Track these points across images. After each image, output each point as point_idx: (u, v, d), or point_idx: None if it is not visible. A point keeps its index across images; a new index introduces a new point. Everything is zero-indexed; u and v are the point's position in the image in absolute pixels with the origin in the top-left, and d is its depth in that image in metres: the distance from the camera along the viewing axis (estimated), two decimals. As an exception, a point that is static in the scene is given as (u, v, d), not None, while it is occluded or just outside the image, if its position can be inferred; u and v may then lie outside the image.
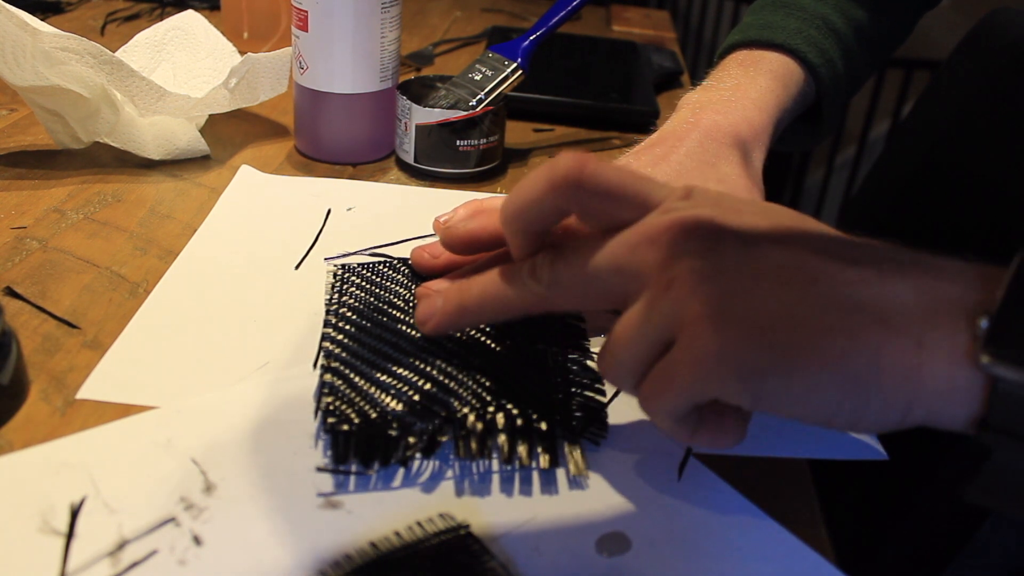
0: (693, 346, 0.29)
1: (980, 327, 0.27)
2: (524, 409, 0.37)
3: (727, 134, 0.50)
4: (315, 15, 0.59)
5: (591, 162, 0.33)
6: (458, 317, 0.38)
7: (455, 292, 0.38)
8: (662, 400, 0.31)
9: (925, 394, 0.27)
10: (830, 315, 0.28)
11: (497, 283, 0.36)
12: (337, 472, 0.34)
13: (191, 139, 0.61)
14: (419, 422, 0.35)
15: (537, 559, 0.32)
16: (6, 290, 0.45)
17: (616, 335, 0.32)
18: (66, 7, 1.00)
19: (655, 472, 0.36)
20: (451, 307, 0.38)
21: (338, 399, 0.36)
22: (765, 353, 0.28)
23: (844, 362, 0.28)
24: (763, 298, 0.29)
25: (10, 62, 0.54)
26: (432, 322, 0.38)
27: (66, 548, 0.30)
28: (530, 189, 0.34)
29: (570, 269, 0.34)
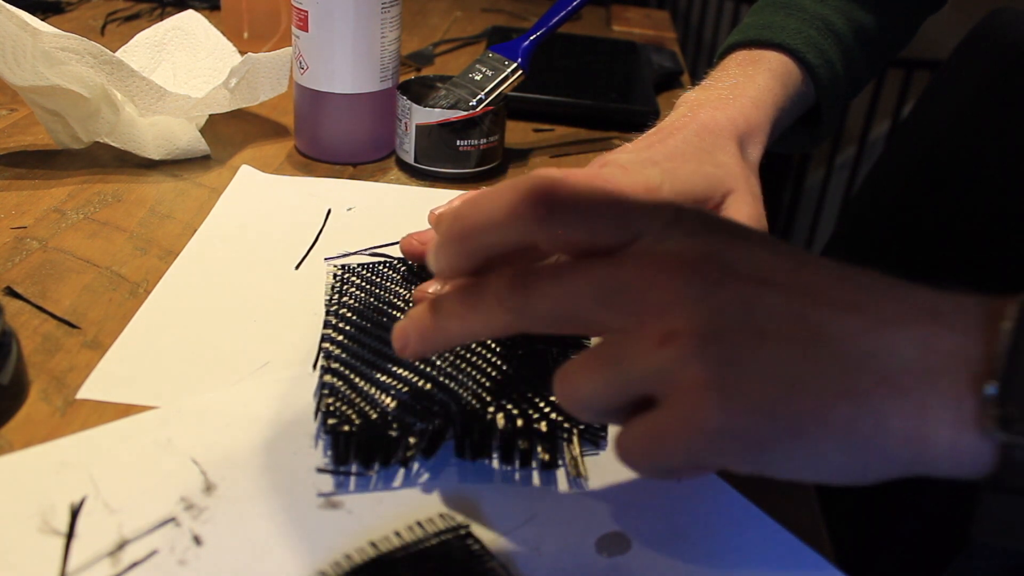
0: (692, 417, 0.27)
1: (986, 392, 0.26)
2: (524, 409, 0.37)
3: (724, 127, 0.50)
4: (315, 15, 0.59)
5: (562, 185, 0.29)
6: (429, 343, 0.33)
7: (424, 314, 0.33)
8: (649, 462, 0.29)
9: (929, 454, 0.27)
10: (835, 379, 0.27)
11: (461, 307, 0.32)
12: (337, 473, 0.34)
13: (191, 139, 0.61)
14: (419, 423, 0.35)
15: (537, 559, 0.32)
16: (6, 290, 0.45)
17: (584, 369, 0.29)
18: (66, 7, 1.00)
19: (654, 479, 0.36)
20: (421, 331, 0.33)
21: (338, 400, 0.36)
22: (769, 426, 0.27)
23: (849, 429, 0.27)
24: (767, 363, 0.27)
25: (10, 62, 0.54)
26: (409, 349, 0.34)
27: (66, 548, 0.30)
28: (491, 211, 0.30)
29: (545, 300, 0.29)
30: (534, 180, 0.29)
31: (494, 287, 0.31)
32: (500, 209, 0.30)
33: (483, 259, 0.32)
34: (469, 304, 0.31)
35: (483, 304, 0.31)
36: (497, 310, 0.30)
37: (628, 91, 0.83)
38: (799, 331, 0.27)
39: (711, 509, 0.35)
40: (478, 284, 0.31)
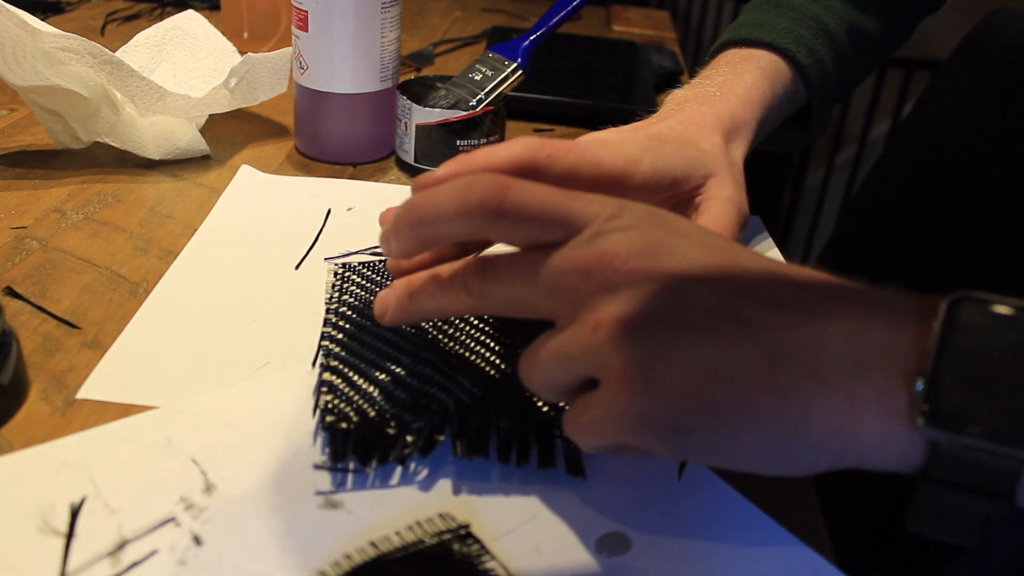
0: (615, 401, 0.29)
1: (916, 388, 0.26)
2: (521, 407, 0.37)
3: (709, 120, 0.49)
4: (315, 15, 0.59)
5: (512, 189, 0.31)
6: (405, 315, 0.37)
7: (402, 289, 0.37)
8: (584, 436, 0.31)
9: (857, 447, 0.27)
10: (759, 370, 0.27)
11: (433, 287, 0.35)
12: (335, 470, 0.35)
13: (191, 139, 0.61)
14: (417, 421, 0.36)
15: (537, 559, 0.32)
16: (6, 290, 0.45)
17: (540, 352, 0.32)
18: (66, 7, 1.00)
19: (655, 472, 0.36)
20: (399, 303, 0.37)
21: (337, 397, 0.36)
22: (689, 414, 0.28)
23: (773, 419, 0.27)
24: (689, 354, 0.28)
25: (10, 62, 0.54)
26: (387, 317, 0.37)
27: (66, 548, 0.30)
28: (442, 205, 0.33)
29: (500, 286, 0.33)
30: (486, 182, 0.32)
31: (460, 273, 0.34)
32: (451, 205, 0.32)
33: (433, 245, 0.36)
34: (439, 285, 0.35)
35: (451, 287, 0.34)
36: (462, 294, 0.34)
37: (628, 91, 0.83)
38: (726, 324, 0.28)
39: (711, 509, 0.35)
40: (448, 269, 0.35)
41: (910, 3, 0.63)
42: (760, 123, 0.53)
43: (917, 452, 0.27)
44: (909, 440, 0.27)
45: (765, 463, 0.28)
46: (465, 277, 0.34)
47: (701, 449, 0.28)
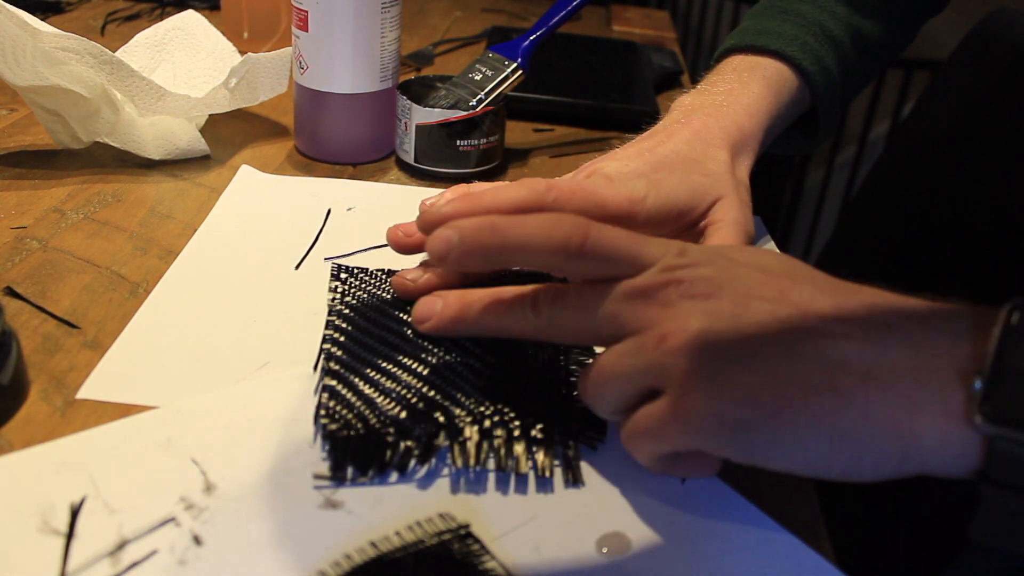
0: (682, 403, 0.30)
1: (974, 388, 0.27)
2: (521, 415, 0.37)
3: (716, 136, 0.50)
4: (315, 15, 0.59)
5: (593, 231, 0.34)
6: (454, 325, 0.39)
7: (456, 301, 0.38)
8: (647, 445, 0.33)
9: (918, 449, 0.28)
10: (818, 375, 0.29)
11: (499, 306, 0.37)
12: (333, 479, 0.34)
13: (191, 139, 0.61)
14: (417, 428, 0.35)
15: (537, 559, 0.32)
16: (6, 290, 0.45)
17: (603, 369, 0.34)
18: (66, 7, 1.00)
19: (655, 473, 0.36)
20: (450, 313, 0.39)
21: (337, 403, 0.36)
22: (751, 412, 0.29)
23: (833, 419, 0.28)
24: (751, 358, 0.29)
25: (10, 62, 0.54)
26: (430, 324, 0.39)
27: (66, 548, 0.30)
28: (529, 237, 0.34)
29: (568, 312, 0.35)
30: (573, 223, 0.34)
31: (531, 297, 0.36)
32: (540, 239, 0.34)
33: (497, 268, 0.38)
34: (505, 306, 0.37)
35: (518, 310, 0.36)
36: (530, 316, 0.36)
37: (628, 91, 0.83)
38: (784, 335, 0.30)
39: (711, 509, 0.35)
40: (512, 292, 0.37)
41: (912, 6, 0.63)
42: (766, 133, 0.53)
43: (975, 453, 0.27)
44: (967, 440, 0.27)
45: (829, 465, 0.29)
46: (536, 302, 0.36)
47: (764, 449, 0.29)
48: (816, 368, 0.29)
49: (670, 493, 0.35)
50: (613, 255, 0.34)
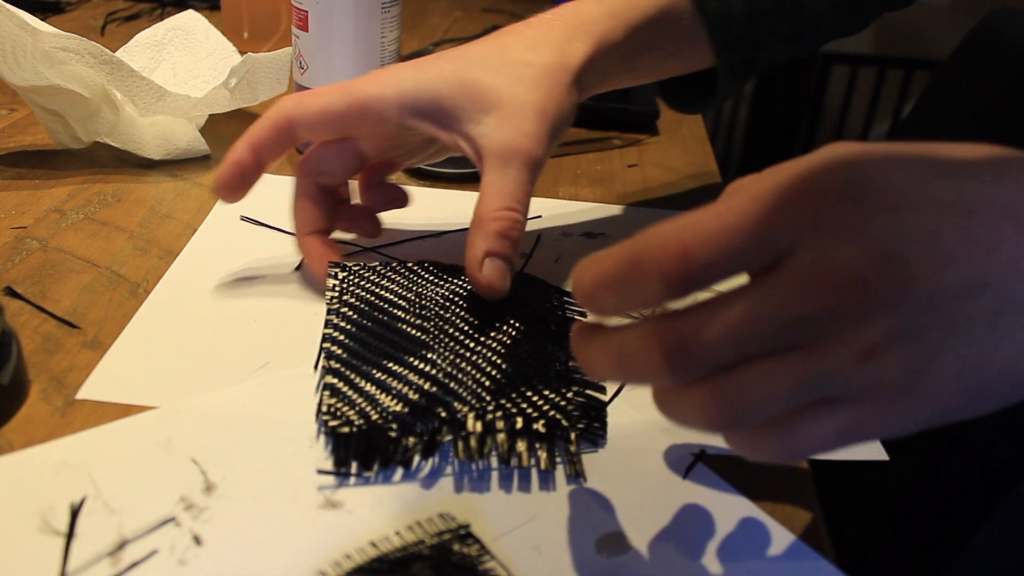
0: (889, 413, 0.27)
1: None
2: (523, 410, 0.37)
3: (540, 24, 0.46)
4: (315, 15, 0.59)
5: (692, 241, 0.26)
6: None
7: (615, 359, 0.29)
8: (816, 446, 0.28)
9: None
10: (1021, 336, 0.26)
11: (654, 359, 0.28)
12: (338, 474, 0.35)
13: (191, 139, 0.61)
14: (419, 423, 0.36)
15: (537, 559, 0.32)
16: (6, 290, 0.45)
17: (765, 380, 0.27)
18: (66, 7, 1.00)
19: (655, 472, 0.36)
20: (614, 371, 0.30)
21: (338, 400, 0.36)
22: (958, 400, 0.27)
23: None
24: (958, 347, 0.26)
25: (10, 62, 0.54)
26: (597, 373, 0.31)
27: (66, 548, 0.30)
28: (605, 305, 0.28)
29: (720, 333, 0.27)
30: (663, 252, 0.26)
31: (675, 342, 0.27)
32: (618, 305, 0.28)
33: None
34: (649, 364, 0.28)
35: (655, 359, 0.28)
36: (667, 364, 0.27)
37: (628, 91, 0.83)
38: (984, 303, 0.26)
39: (711, 509, 0.35)
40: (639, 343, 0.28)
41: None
42: (629, 29, 0.47)
43: None
44: None
45: (995, 407, 0.28)
46: (685, 353, 0.27)
47: (954, 419, 0.28)
48: (1019, 328, 0.26)
49: (670, 493, 0.35)
50: (728, 256, 0.26)
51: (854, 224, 0.26)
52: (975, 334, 0.26)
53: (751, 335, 0.26)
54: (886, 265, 0.26)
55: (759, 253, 0.26)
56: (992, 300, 0.26)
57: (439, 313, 0.42)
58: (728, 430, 0.28)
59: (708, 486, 0.36)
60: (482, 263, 0.41)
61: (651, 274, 0.26)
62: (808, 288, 0.26)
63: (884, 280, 0.26)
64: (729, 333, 0.26)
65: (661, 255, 0.26)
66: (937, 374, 0.26)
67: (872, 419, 0.27)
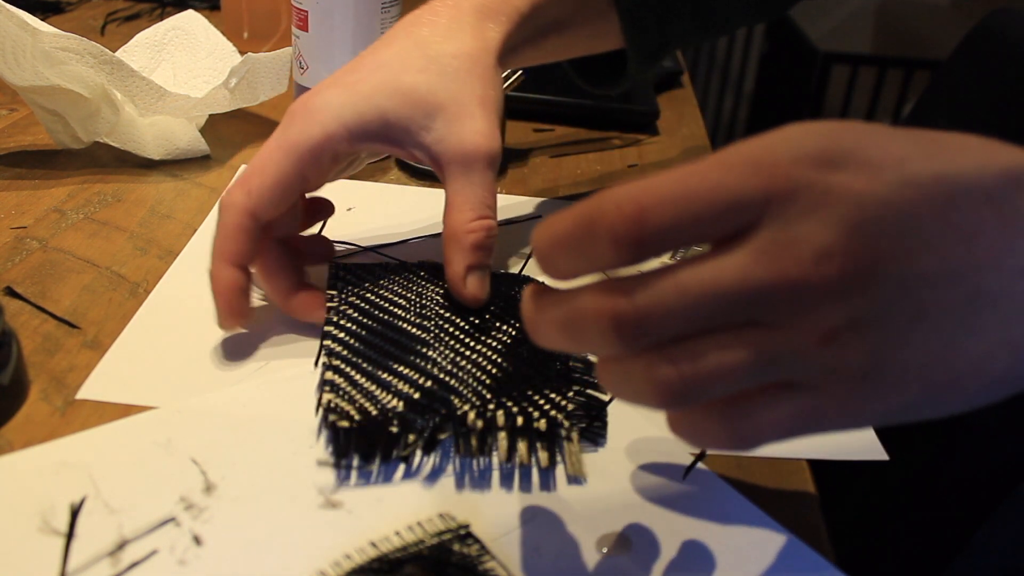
0: (849, 401, 0.26)
1: None
2: (524, 408, 0.37)
3: (446, 9, 0.45)
4: (315, 15, 0.59)
5: (648, 203, 0.24)
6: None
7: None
8: (768, 433, 0.26)
9: None
10: (993, 331, 0.25)
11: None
12: (339, 467, 0.35)
13: (191, 139, 0.61)
14: (419, 419, 0.36)
15: (537, 559, 0.32)
16: (6, 290, 0.45)
17: (720, 351, 0.25)
18: (66, 7, 1.00)
19: (655, 472, 0.36)
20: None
21: (339, 396, 0.36)
22: (924, 394, 0.26)
23: (1005, 375, 0.26)
24: (927, 337, 0.25)
25: (10, 62, 0.54)
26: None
27: (66, 548, 0.30)
28: (562, 242, 0.26)
29: (674, 301, 0.25)
30: (613, 203, 0.25)
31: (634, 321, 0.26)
32: (581, 250, 0.26)
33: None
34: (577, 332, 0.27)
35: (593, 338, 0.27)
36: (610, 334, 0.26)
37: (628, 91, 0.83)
38: (957, 293, 0.25)
39: (711, 509, 0.35)
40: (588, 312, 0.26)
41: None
42: (537, 8, 0.46)
43: None
44: None
45: (968, 407, 0.27)
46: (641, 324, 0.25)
47: (923, 416, 0.27)
48: (991, 323, 0.25)
49: (670, 493, 0.35)
50: (688, 221, 0.25)
51: (826, 194, 0.24)
52: (944, 325, 0.25)
53: (707, 305, 0.25)
54: (856, 242, 0.24)
55: (722, 220, 0.25)
56: (965, 291, 0.25)
57: (439, 313, 0.42)
58: (674, 405, 0.26)
59: (708, 486, 0.36)
60: (465, 279, 0.42)
61: (603, 235, 0.25)
62: (771, 259, 0.24)
63: (853, 258, 0.24)
64: (684, 302, 0.25)
65: (615, 216, 0.24)
66: (900, 364, 0.25)
67: (829, 408, 0.26)
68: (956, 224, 0.25)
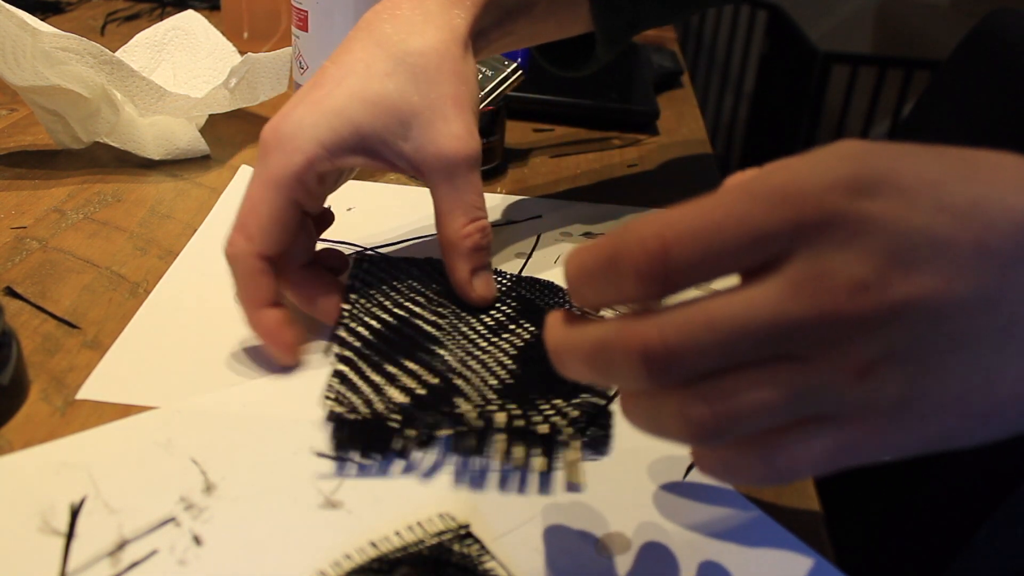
0: (888, 434, 0.25)
1: None
2: (527, 411, 0.37)
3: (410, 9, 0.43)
4: (315, 15, 0.59)
5: (672, 238, 0.24)
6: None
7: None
8: (804, 467, 0.26)
9: None
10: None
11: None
12: (335, 459, 0.35)
13: (191, 139, 0.61)
14: (421, 415, 0.36)
15: (537, 559, 0.32)
16: (6, 290, 0.45)
17: (753, 390, 0.25)
18: (66, 7, 1.00)
19: (655, 472, 0.36)
20: None
21: (345, 387, 0.37)
22: (961, 424, 0.26)
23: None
24: (964, 366, 0.25)
25: (10, 62, 0.54)
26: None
27: (66, 548, 0.30)
28: (586, 297, 0.26)
29: (707, 337, 0.25)
30: (637, 238, 0.25)
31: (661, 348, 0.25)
32: (608, 296, 0.26)
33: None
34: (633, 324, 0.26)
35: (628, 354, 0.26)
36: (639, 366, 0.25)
37: (628, 91, 0.83)
38: (993, 320, 0.24)
39: (711, 509, 0.35)
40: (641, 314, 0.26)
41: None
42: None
43: None
44: None
45: (1015, 431, 0.26)
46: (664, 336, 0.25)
47: (956, 444, 0.26)
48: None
49: (670, 493, 0.35)
50: (716, 255, 0.24)
51: (859, 223, 0.24)
52: (981, 353, 0.25)
53: (739, 341, 0.24)
54: (891, 273, 0.24)
55: (750, 253, 0.24)
56: (1002, 318, 0.24)
57: (454, 311, 0.42)
58: (707, 442, 0.26)
59: (708, 486, 0.36)
60: (471, 283, 0.42)
61: (627, 271, 0.25)
62: (804, 292, 0.24)
63: (888, 289, 0.24)
64: (716, 338, 0.24)
65: (638, 252, 0.24)
66: (939, 395, 0.25)
67: (867, 441, 0.25)
68: (993, 250, 0.24)
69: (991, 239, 0.24)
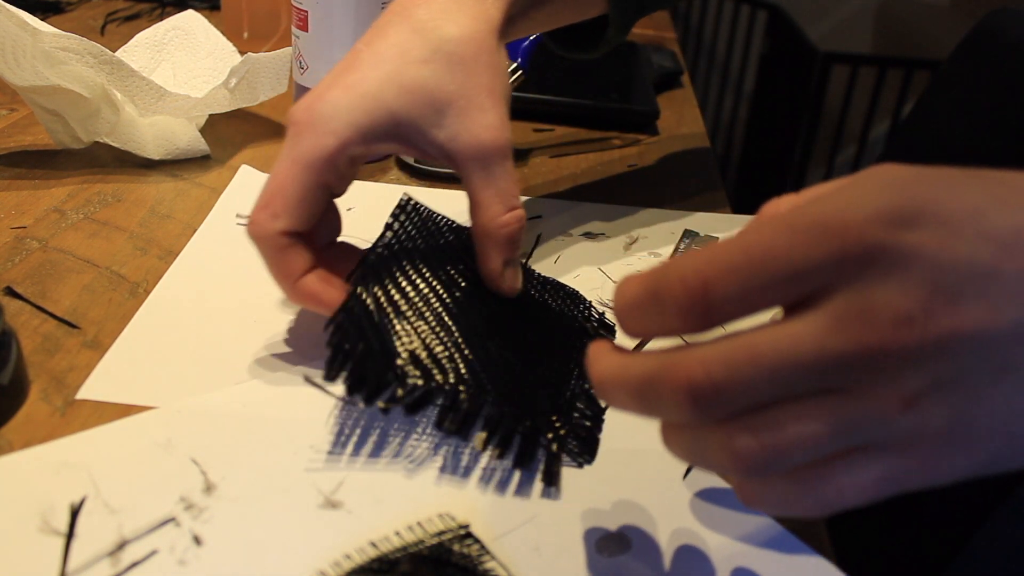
0: (938, 463, 0.25)
1: None
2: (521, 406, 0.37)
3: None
4: (315, 15, 0.59)
5: (713, 275, 0.25)
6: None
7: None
8: (854, 496, 0.26)
9: None
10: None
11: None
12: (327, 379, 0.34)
13: (191, 139, 0.61)
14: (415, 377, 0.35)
15: (537, 559, 0.32)
16: (6, 290, 0.45)
17: (799, 433, 0.25)
18: (66, 7, 1.00)
19: (655, 472, 0.36)
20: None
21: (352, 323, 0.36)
22: (1008, 449, 0.25)
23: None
24: (1008, 393, 0.25)
25: (10, 62, 0.54)
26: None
27: (66, 548, 0.30)
28: (634, 307, 0.26)
29: (753, 373, 0.25)
30: (678, 279, 0.25)
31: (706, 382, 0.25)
32: (653, 328, 0.26)
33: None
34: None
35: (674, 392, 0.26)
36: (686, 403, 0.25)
37: (628, 91, 0.83)
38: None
39: (711, 510, 0.35)
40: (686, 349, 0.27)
41: None
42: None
43: None
44: None
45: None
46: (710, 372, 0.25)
47: (1003, 468, 0.26)
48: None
49: (670, 493, 0.35)
50: (756, 290, 0.24)
51: (902, 256, 0.24)
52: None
53: (784, 376, 0.24)
54: (936, 305, 0.23)
55: (791, 289, 0.24)
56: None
57: (476, 292, 0.41)
58: (753, 475, 0.26)
59: (707, 486, 0.36)
60: (503, 274, 0.41)
61: (670, 307, 0.25)
62: (849, 326, 0.24)
63: (933, 322, 0.23)
64: (761, 373, 0.24)
65: (679, 289, 0.25)
66: (986, 421, 0.25)
67: (915, 469, 0.25)
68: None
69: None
